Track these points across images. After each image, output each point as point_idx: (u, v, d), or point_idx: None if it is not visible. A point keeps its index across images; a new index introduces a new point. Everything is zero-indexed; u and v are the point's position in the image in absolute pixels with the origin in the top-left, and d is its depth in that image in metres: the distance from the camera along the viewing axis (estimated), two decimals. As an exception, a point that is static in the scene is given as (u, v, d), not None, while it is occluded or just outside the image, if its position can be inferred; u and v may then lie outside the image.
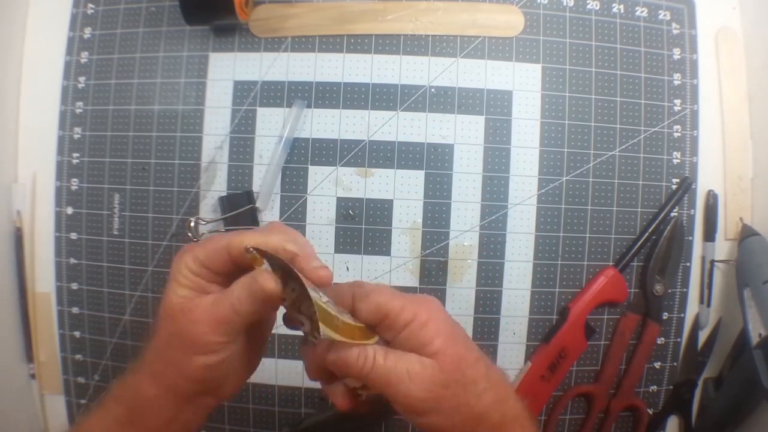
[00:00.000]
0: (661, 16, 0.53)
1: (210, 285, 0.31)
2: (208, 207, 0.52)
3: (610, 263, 0.51)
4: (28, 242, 0.53)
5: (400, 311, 0.30)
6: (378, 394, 0.31)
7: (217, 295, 0.31)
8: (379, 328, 0.31)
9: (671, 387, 0.53)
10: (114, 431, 0.31)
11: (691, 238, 0.52)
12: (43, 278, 0.54)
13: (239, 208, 0.50)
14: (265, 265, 0.29)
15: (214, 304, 0.30)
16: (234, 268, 0.31)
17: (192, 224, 0.50)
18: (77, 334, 0.54)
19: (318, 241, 0.51)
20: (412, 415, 0.30)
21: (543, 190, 0.51)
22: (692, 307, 0.52)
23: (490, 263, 0.51)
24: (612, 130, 0.52)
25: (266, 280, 0.29)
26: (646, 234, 0.51)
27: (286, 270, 0.29)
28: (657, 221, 0.51)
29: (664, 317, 0.52)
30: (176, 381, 0.31)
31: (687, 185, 0.51)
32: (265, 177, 0.51)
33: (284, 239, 0.31)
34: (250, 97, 0.52)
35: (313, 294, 0.28)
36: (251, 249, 0.29)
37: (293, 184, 0.52)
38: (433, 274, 0.51)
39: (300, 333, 0.32)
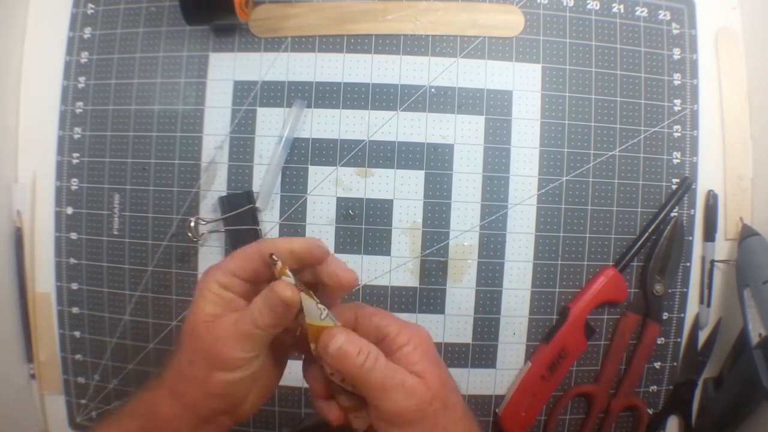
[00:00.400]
0: (661, 16, 0.53)
1: (239, 300, 0.32)
2: (208, 207, 0.52)
3: (610, 263, 0.51)
4: (28, 242, 0.53)
5: (398, 334, 0.32)
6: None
7: (241, 311, 0.31)
8: (379, 347, 0.32)
9: (671, 387, 0.53)
10: None
11: (691, 238, 0.52)
12: (43, 278, 0.54)
13: (239, 208, 0.50)
14: (290, 276, 0.30)
15: (237, 319, 0.30)
16: (267, 275, 0.32)
17: (192, 224, 0.51)
18: (77, 334, 0.54)
19: (318, 241, 0.51)
20: (391, 427, 0.31)
21: (543, 190, 0.51)
22: (692, 307, 0.53)
23: (490, 263, 0.51)
24: (612, 130, 0.52)
25: (283, 289, 0.29)
26: (646, 234, 0.51)
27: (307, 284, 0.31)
28: (657, 221, 0.51)
29: (664, 317, 0.52)
30: (197, 399, 0.31)
31: (687, 185, 0.51)
32: (265, 177, 0.51)
33: (311, 242, 0.32)
34: (250, 97, 0.52)
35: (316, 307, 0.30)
36: (274, 257, 0.30)
37: (293, 184, 0.52)
38: (433, 274, 0.51)
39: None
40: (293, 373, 0.36)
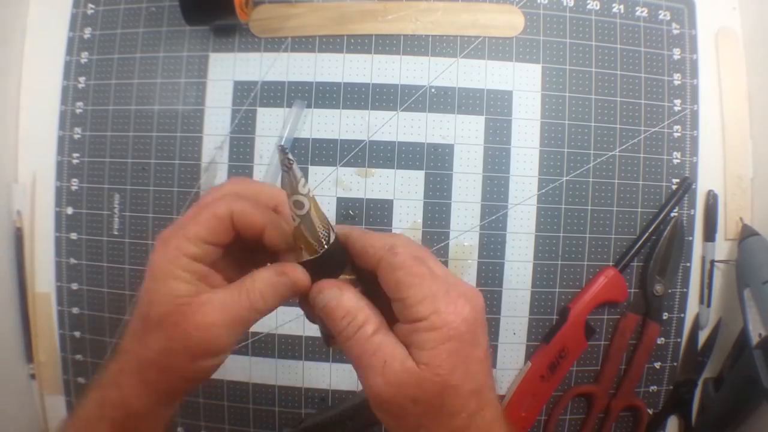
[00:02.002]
0: (661, 16, 0.53)
1: (214, 274, 0.28)
2: (208, 207, 0.52)
3: (610, 263, 0.51)
4: (28, 242, 0.53)
5: (419, 303, 0.25)
6: None
7: (230, 291, 0.27)
8: (395, 306, 0.27)
9: (671, 387, 0.53)
10: None
11: (691, 238, 0.52)
12: (43, 278, 0.54)
13: (239, 208, 0.50)
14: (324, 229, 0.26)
15: (225, 302, 0.26)
16: (237, 235, 0.27)
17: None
18: (77, 334, 0.54)
19: (318, 241, 0.51)
20: (376, 409, 0.27)
21: (543, 190, 0.51)
22: (692, 307, 0.52)
23: (490, 263, 0.51)
24: (612, 130, 0.52)
25: (300, 274, 0.26)
26: (646, 234, 0.51)
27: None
28: (657, 221, 0.51)
29: (664, 317, 0.52)
30: (175, 385, 0.28)
31: (687, 185, 0.51)
32: (265, 177, 0.51)
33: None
34: (250, 97, 0.52)
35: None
36: (298, 210, 0.25)
37: (293, 184, 0.52)
38: (433, 274, 0.51)
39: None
40: (293, 373, 0.36)
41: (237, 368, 0.52)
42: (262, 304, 0.27)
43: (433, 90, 0.51)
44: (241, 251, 0.29)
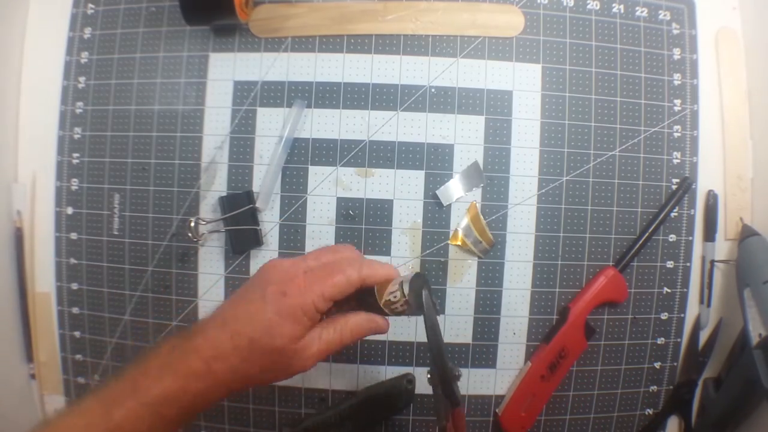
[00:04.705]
0: (661, 16, 0.53)
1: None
2: (208, 207, 0.52)
3: (610, 263, 0.51)
4: (28, 242, 0.53)
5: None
6: None
7: (328, 330, 0.36)
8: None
9: (671, 387, 0.53)
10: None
11: (691, 238, 0.52)
12: (43, 278, 0.54)
13: (239, 208, 0.50)
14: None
15: (327, 340, 0.35)
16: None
17: (192, 224, 0.50)
18: (77, 334, 0.54)
19: (318, 241, 0.51)
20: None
21: (543, 190, 0.51)
22: (692, 307, 0.53)
23: (490, 263, 0.51)
24: (612, 130, 0.52)
25: (386, 326, 0.38)
26: (647, 234, 0.51)
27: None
28: (657, 221, 0.51)
29: (664, 317, 0.52)
30: (243, 389, 0.37)
31: (687, 185, 0.51)
32: (265, 177, 0.51)
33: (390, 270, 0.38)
34: (250, 97, 0.52)
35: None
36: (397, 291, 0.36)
37: (293, 184, 0.52)
38: (433, 274, 0.51)
39: None
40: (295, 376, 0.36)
41: (237, 368, 0.52)
42: (349, 340, 0.36)
43: (433, 90, 0.51)
44: None
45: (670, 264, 0.52)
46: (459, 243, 0.50)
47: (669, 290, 0.52)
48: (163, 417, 0.32)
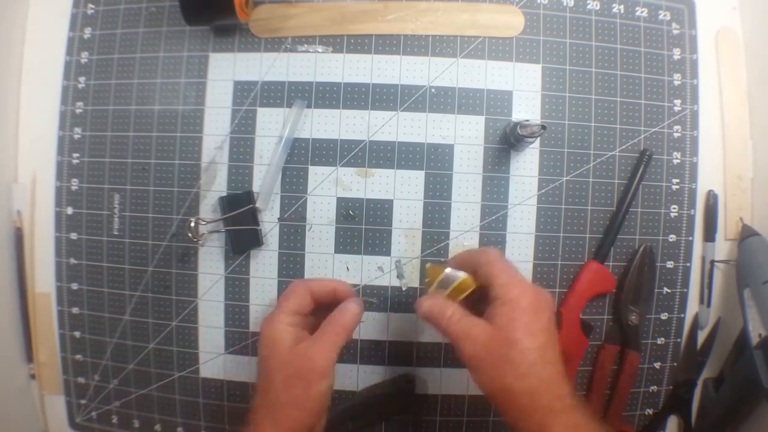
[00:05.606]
0: (661, 16, 0.53)
1: (303, 331, 0.41)
2: (208, 207, 0.52)
3: (589, 258, 0.51)
4: (28, 242, 0.53)
5: (501, 286, 0.37)
6: None
7: (330, 325, 0.40)
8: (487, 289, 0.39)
9: (671, 387, 0.53)
10: None
11: (691, 238, 0.52)
12: (43, 278, 0.54)
13: (239, 208, 0.50)
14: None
15: (331, 333, 0.40)
16: (313, 307, 0.43)
17: (192, 224, 0.50)
18: (77, 334, 0.54)
19: (318, 241, 0.51)
20: (469, 370, 0.37)
21: (543, 190, 0.51)
22: (692, 307, 0.53)
23: (490, 263, 0.51)
24: (612, 130, 0.52)
25: (360, 306, 0.43)
26: (620, 217, 0.50)
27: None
28: (629, 196, 0.51)
29: (664, 317, 0.52)
30: (298, 417, 0.38)
31: (648, 156, 0.51)
32: (265, 177, 0.51)
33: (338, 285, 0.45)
34: (250, 97, 0.52)
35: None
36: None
37: (293, 184, 0.52)
38: (433, 274, 0.51)
39: None
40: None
41: (237, 368, 0.52)
42: (353, 324, 0.41)
43: (433, 90, 0.51)
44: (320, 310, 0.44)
45: (670, 264, 0.52)
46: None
47: (669, 290, 0.52)
48: None
